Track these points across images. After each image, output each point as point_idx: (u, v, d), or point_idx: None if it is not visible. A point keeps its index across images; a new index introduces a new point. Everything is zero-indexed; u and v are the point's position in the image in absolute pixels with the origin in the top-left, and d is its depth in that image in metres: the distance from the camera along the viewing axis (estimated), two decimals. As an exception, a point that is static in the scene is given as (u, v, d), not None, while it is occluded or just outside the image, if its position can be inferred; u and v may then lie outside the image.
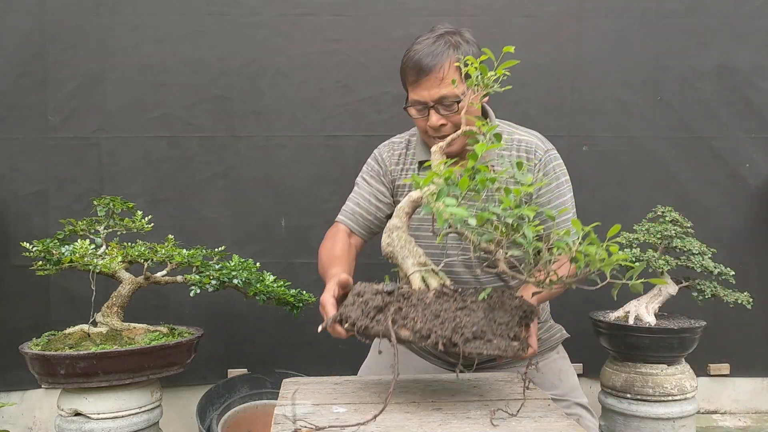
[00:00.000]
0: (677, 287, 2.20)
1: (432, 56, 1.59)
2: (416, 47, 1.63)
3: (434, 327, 1.19)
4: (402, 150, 1.83)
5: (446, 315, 1.21)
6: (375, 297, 1.26)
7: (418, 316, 1.21)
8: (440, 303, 1.23)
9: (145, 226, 2.09)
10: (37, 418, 2.61)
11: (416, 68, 1.61)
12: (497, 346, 1.21)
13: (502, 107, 2.63)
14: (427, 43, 1.61)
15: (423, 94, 1.61)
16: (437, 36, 1.63)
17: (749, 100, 2.67)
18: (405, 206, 1.37)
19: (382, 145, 1.88)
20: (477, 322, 1.20)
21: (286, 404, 1.42)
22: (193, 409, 2.27)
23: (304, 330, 2.59)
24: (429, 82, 1.60)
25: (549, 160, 1.73)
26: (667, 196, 2.63)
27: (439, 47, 1.60)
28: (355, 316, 1.27)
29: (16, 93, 2.51)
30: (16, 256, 2.40)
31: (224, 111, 2.61)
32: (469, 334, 1.19)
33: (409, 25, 2.62)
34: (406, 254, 1.33)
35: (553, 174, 1.72)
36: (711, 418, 2.76)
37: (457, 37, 1.63)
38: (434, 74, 1.59)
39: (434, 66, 1.59)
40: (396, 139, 1.87)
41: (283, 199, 2.64)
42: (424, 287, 1.28)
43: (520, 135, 1.75)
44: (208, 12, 2.58)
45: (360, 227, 1.82)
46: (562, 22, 2.65)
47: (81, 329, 1.97)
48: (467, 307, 1.23)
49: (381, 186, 1.82)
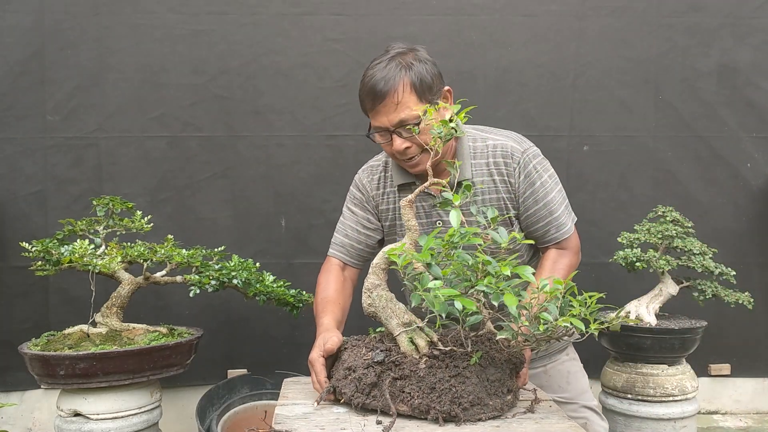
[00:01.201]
0: (678, 287, 2.20)
1: (385, 81, 1.54)
2: (369, 72, 1.58)
3: (432, 402, 1.23)
4: (380, 173, 1.80)
5: (442, 386, 1.24)
6: (367, 372, 1.30)
7: (414, 390, 1.25)
8: (434, 373, 1.26)
9: (144, 226, 2.09)
10: (36, 419, 2.61)
11: (371, 95, 1.56)
12: (494, 407, 1.25)
13: (502, 107, 2.64)
14: (380, 67, 1.56)
15: (382, 120, 1.57)
16: (389, 58, 1.57)
17: (750, 100, 2.67)
18: (381, 263, 1.38)
19: (360, 171, 1.85)
20: (473, 390, 1.24)
21: (287, 404, 1.42)
22: (192, 410, 2.27)
23: (303, 330, 2.59)
24: (386, 108, 1.55)
25: (528, 161, 1.68)
26: (667, 195, 2.63)
27: (391, 71, 1.54)
28: (350, 392, 1.31)
29: (15, 93, 2.51)
30: (16, 256, 2.39)
31: (224, 111, 2.60)
32: (467, 404, 1.23)
33: (409, 24, 2.62)
34: (390, 314, 1.35)
35: (535, 173, 1.68)
36: (712, 418, 2.75)
37: (409, 57, 1.58)
38: (390, 99, 1.54)
39: (388, 91, 1.53)
40: (373, 162, 1.84)
41: (283, 199, 2.64)
42: (412, 349, 1.31)
43: (494, 140, 1.70)
44: (207, 12, 2.57)
45: (353, 258, 1.82)
46: (563, 22, 2.64)
47: (80, 330, 1.97)
48: (461, 374, 1.25)
49: (366, 213, 1.81)
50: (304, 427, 1.26)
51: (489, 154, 1.69)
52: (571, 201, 1.75)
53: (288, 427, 1.26)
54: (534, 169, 1.68)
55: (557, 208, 1.69)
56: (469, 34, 2.63)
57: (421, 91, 1.54)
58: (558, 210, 1.69)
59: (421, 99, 1.55)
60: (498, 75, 2.64)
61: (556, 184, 1.72)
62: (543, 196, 1.67)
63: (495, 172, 1.67)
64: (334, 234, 1.86)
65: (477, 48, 2.63)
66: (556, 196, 1.70)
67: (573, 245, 1.73)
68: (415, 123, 1.54)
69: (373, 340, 1.42)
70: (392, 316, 1.35)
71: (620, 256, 2.17)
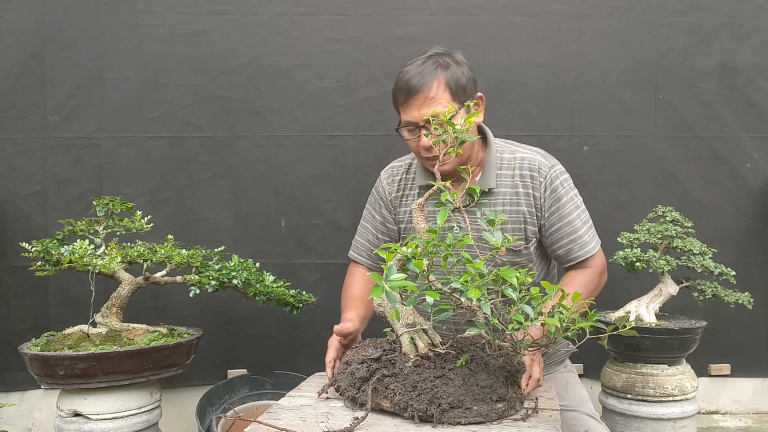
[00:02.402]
0: (678, 287, 2.20)
1: (420, 76, 1.60)
2: (406, 68, 1.64)
3: (411, 400, 1.23)
4: (402, 174, 1.83)
5: (423, 386, 1.24)
6: (360, 367, 1.34)
7: (398, 387, 1.26)
8: (419, 372, 1.27)
9: (144, 227, 2.09)
10: (36, 419, 2.61)
11: (405, 89, 1.61)
12: (478, 413, 1.23)
13: (502, 107, 2.64)
14: (417, 64, 1.63)
15: (413, 114, 1.61)
16: (426, 57, 1.64)
17: (750, 100, 2.67)
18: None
19: (383, 172, 1.89)
20: (454, 392, 1.22)
21: (294, 395, 1.48)
22: (192, 410, 2.27)
23: (304, 330, 2.59)
24: (418, 102, 1.60)
25: (555, 177, 1.71)
26: (667, 195, 2.63)
27: (427, 68, 1.61)
28: (344, 385, 1.36)
29: (15, 93, 2.51)
30: (15, 256, 2.40)
31: (224, 111, 2.60)
32: (446, 405, 1.21)
33: (409, 24, 2.62)
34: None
35: (562, 189, 1.71)
36: (712, 418, 2.75)
37: (446, 58, 1.63)
38: (423, 94, 1.59)
39: (422, 86, 1.59)
40: (396, 163, 1.87)
41: (283, 199, 2.64)
42: (410, 350, 1.33)
43: (522, 153, 1.74)
44: (208, 11, 2.57)
45: (374, 261, 1.87)
46: (564, 21, 2.64)
47: (80, 330, 1.97)
48: (445, 376, 1.25)
49: (384, 216, 1.85)
50: (288, 417, 1.30)
51: (516, 167, 1.71)
52: (571, 201, 1.76)
53: (275, 417, 1.30)
54: (561, 185, 1.71)
55: (581, 227, 1.71)
56: (469, 34, 2.63)
57: (455, 91, 1.59)
58: (581, 229, 1.71)
59: (454, 99, 1.59)
60: (498, 75, 2.64)
61: (581, 204, 1.75)
62: (567, 213, 1.70)
63: (520, 185, 1.69)
64: (355, 237, 1.88)
65: (477, 48, 2.62)
66: (581, 215, 1.73)
67: (596, 265, 1.74)
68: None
69: (385, 341, 1.45)
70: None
71: (620, 256, 2.17)
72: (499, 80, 2.64)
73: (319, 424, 1.24)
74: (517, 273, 1.18)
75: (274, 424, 1.25)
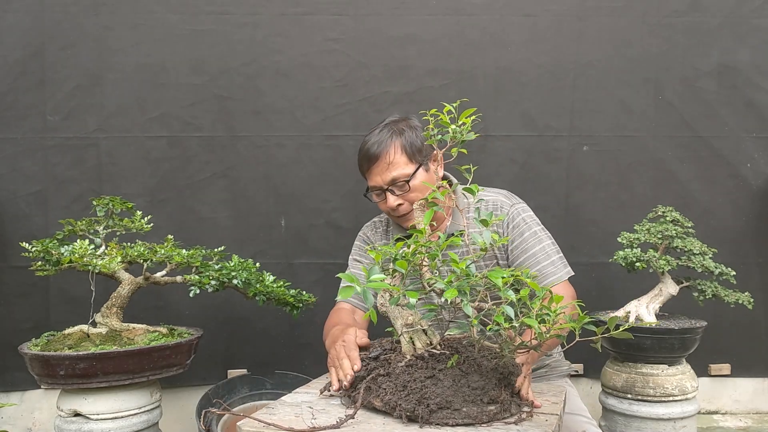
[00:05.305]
0: (678, 287, 2.20)
1: (378, 144, 1.76)
2: (366, 138, 1.80)
3: (399, 399, 1.24)
4: (383, 228, 1.99)
5: (413, 386, 1.25)
6: None
7: (390, 387, 1.27)
8: (410, 372, 1.28)
9: (144, 227, 2.08)
10: (36, 419, 2.61)
11: (366, 157, 1.78)
12: (467, 414, 1.22)
13: (502, 107, 2.64)
14: (375, 133, 1.79)
15: (376, 179, 1.77)
16: (383, 126, 1.80)
17: (750, 100, 2.67)
18: None
19: (365, 227, 2.03)
20: (442, 393, 1.23)
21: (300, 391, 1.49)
22: (192, 410, 2.27)
23: (304, 330, 2.59)
24: (379, 168, 1.76)
25: (516, 214, 1.82)
26: (667, 195, 2.63)
27: (383, 136, 1.77)
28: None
29: (15, 93, 2.51)
30: (16, 256, 2.40)
31: (224, 111, 2.60)
32: (434, 406, 1.21)
33: (409, 24, 2.62)
34: (397, 315, 1.39)
35: (524, 225, 1.81)
36: (712, 418, 2.75)
37: (401, 125, 1.79)
38: (382, 160, 1.75)
39: (381, 153, 1.75)
40: (377, 219, 2.02)
41: (283, 199, 2.64)
42: (408, 350, 1.34)
43: (485, 195, 1.85)
44: (207, 11, 2.57)
45: (361, 301, 1.90)
46: (563, 21, 2.64)
47: (80, 330, 1.97)
48: (435, 376, 1.26)
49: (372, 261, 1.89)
50: (283, 412, 1.31)
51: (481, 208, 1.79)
52: (571, 201, 1.76)
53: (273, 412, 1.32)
54: (523, 221, 1.82)
55: (543, 260, 1.78)
56: (469, 34, 2.63)
57: (411, 153, 1.75)
58: (544, 261, 1.78)
59: (411, 160, 1.75)
60: (498, 75, 2.64)
61: (547, 238, 1.83)
62: (530, 246, 1.79)
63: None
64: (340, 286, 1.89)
65: (477, 48, 2.63)
66: (545, 248, 1.80)
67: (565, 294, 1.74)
68: (405, 180, 1.73)
69: (388, 340, 1.47)
70: (398, 317, 1.38)
71: (620, 256, 2.17)
72: (498, 80, 2.64)
73: (308, 421, 1.24)
74: (504, 274, 1.19)
75: (263, 419, 1.25)
